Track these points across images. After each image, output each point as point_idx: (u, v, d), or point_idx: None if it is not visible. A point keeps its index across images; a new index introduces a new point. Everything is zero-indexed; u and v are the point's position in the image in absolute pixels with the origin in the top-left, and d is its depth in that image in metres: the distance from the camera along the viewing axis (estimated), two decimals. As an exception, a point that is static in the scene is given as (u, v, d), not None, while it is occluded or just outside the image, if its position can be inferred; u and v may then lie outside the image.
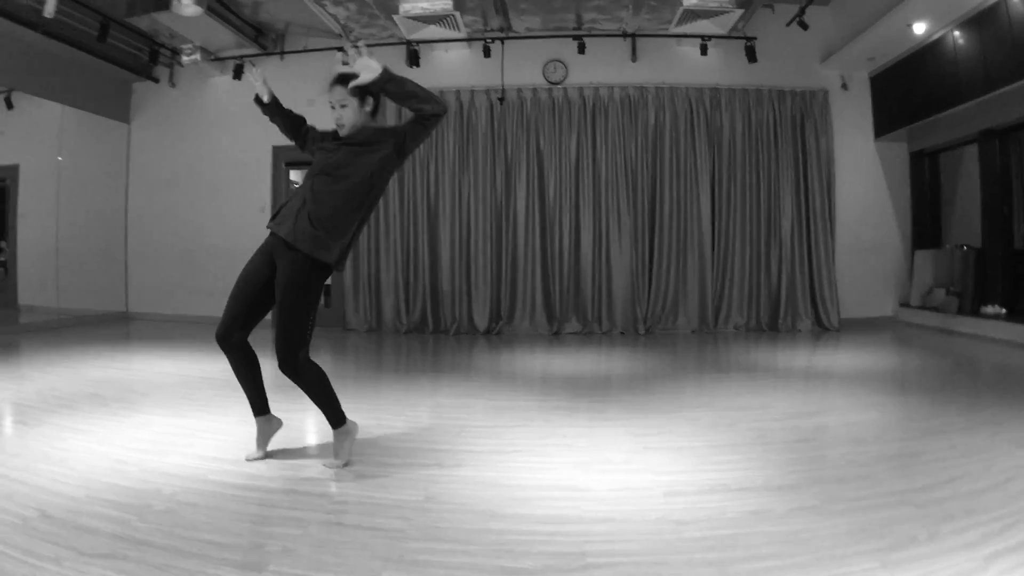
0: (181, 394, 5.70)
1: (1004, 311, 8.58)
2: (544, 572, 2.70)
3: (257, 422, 3.98)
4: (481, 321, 9.45)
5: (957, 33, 8.25)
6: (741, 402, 5.49)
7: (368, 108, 3.80)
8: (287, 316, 3.65)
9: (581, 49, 9.09)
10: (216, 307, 9.85)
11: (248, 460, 3.93)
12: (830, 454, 4.12)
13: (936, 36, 8.57)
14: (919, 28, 8.38)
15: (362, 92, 3.71)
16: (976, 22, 7.95)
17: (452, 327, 9.47)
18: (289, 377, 3.72)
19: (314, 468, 3.89)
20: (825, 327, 9.61)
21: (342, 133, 3.77)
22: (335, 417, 3.85)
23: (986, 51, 7.86)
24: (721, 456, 4.08)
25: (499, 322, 9.50)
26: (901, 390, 6.05)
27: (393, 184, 9.48)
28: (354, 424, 3.96)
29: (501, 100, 9.34)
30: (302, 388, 3.80)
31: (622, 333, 9.48)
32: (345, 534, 3.04)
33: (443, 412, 5.23)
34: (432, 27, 8.75)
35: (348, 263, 9.42)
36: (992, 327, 8.45)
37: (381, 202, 9.47)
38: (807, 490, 3.47)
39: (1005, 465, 3.82)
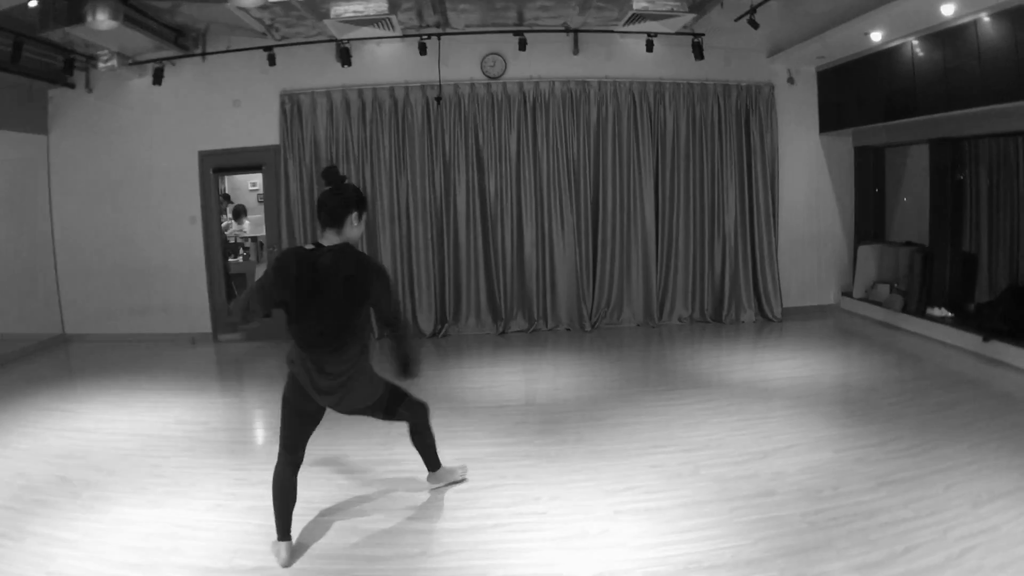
0: (146, 467, 5.31)
1: (950, 315, 8.47)
2: None
3: None
4: (427, 324, 9.29)
5: (916, 43, 8.05)
6: (698, 438, 5.49)
7: None
8: None
9: (522, 46, 8.84)
10: (154, 325, 9.52)
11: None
12: (790, 513, 4.17)
13: (893, 44, 8.38)
14: (876, 36, 8.19)
15: None
16: (940, 38, 7.69)
17: (397, 331, 9.18)
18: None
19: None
20: (768, 318, 9.61)
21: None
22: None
23: (949, 69, 7.60)
24: (689, 520, 4.17)
25: (445, 324, 9.28)
26: (849, 417, 5.98)
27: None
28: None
29: (438, 100, 9.01)
30: None
31: (568, 329, 9.41)
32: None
33: (409, 466, 4.95)
34: (365, 27, 8.33)
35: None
36: (937, 330, 8.46)
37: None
38: (772, 564, 3.62)
39: (961, 532, 3.87)
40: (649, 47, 8.96)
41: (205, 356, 8.98)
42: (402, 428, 4.49)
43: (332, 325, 3.61)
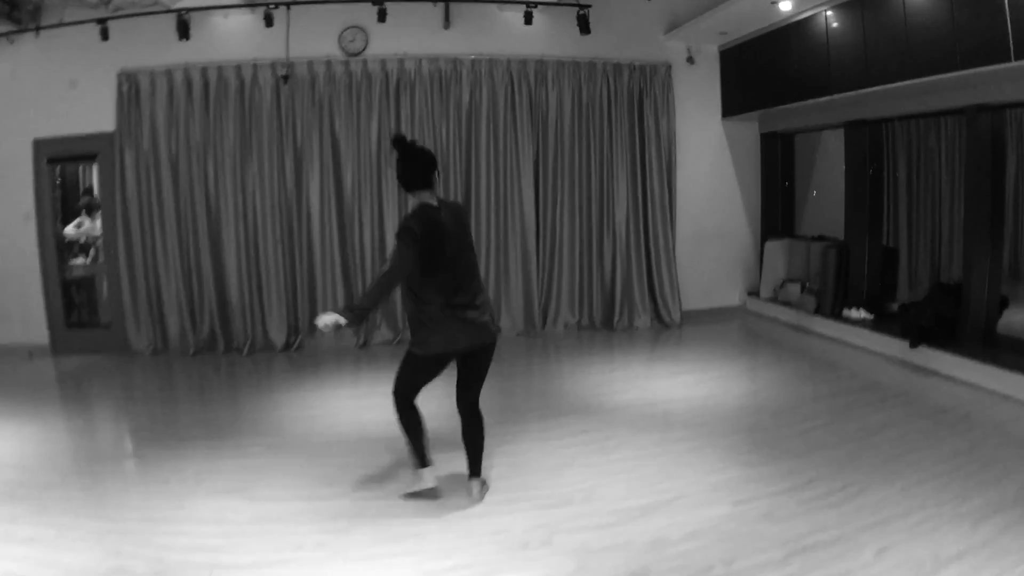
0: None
1: (870, 316, 6.80)
2: None
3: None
4: (278, 336, 7.27)
5: (831, 13, 6.43)
6: (561, 488, 3.89)
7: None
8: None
9: (382, 17, 6.91)
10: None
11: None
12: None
13: (805, 15, 6.76)
14: (785, 6, 6.60)
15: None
16: (859, 5, 6.09)
17: (245, 345, 7.15)
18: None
19: None
20: (665, 323, 7.79)
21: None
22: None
23: (868, 40, 6.00)
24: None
25: (298, 336, 7.24)
26: (754, 452, 4.31)
27: (167, 183, 7.14)
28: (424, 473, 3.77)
29: (285, 79, 7.03)
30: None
31: (439, 340, 7.34)
32: None
33: (194, 534, 3.53)
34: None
35: (126, 275, 7.09)
36: (855, 334, 6.82)
37: (155, 204, 7.13)
38: None
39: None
40: (528, 19, 7.16)
41: (42, 372, 6.93)
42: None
43: (469, 263, 3.66)
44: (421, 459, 3.72)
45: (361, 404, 5.52)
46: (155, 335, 7.27)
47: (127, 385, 6.50)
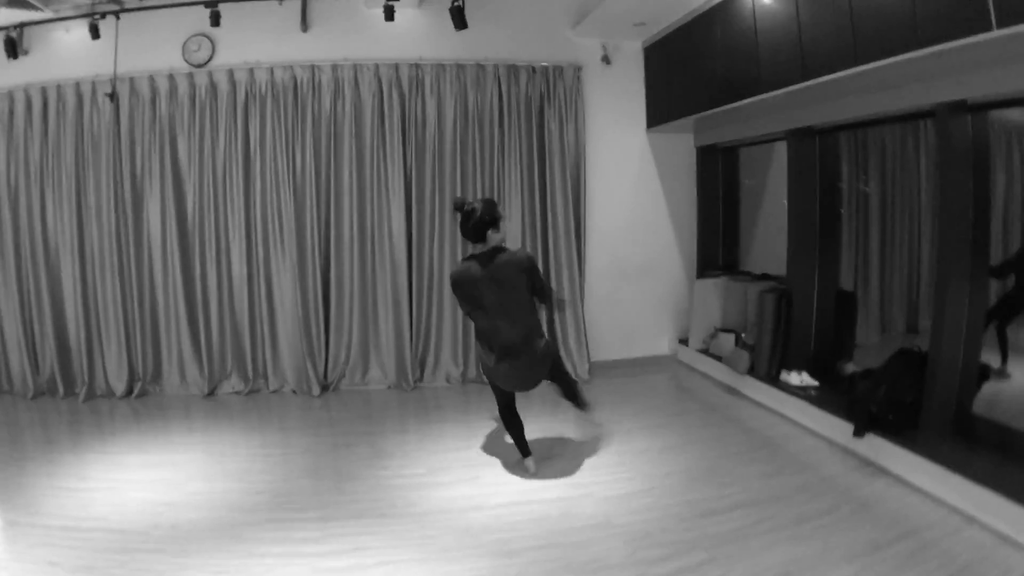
0: None
1: (815, 383, 4.87)
2: None
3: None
4: (117, 381, 5.87)
5: None
6: None
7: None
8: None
9: (215, 20, 5.34)
10: None
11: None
12: None
13: None
14: None
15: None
16: None
17: (82, 391, 5.72)
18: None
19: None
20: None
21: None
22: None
23: (803, 17, 4.15)
24: None
25: (140, 382, 5.77)
26: None
27: (6, 212, 5.85)
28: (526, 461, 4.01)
29: (110, 97, 5.58)
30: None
31: (294, 392, 5.74)
32: None
33: None
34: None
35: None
36: (792, 405, 4.85)
37: (-5, 232, 5.82)
38: None
39: None
40: (389, 15, 5.41)
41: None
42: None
43: (506, 309, 3.65)
44: (521, 450, 4.01)
45: (145, 477, 4.10)
46: (0, 375, 5.98)
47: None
